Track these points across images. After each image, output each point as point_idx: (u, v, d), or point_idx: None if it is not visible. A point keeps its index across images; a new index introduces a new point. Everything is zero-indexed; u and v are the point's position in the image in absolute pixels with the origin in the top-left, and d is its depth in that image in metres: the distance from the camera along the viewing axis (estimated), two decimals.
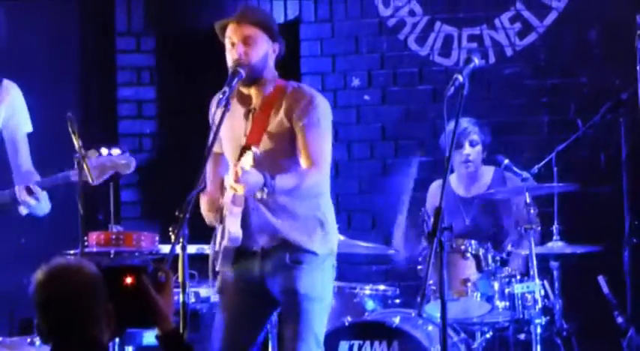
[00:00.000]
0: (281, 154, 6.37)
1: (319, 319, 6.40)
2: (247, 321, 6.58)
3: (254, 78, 6.42)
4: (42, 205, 6.95)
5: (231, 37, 6.42)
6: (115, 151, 6.87)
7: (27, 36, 9.11)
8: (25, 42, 9.08)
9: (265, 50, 6.44)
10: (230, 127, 6.43)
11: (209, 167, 6.48)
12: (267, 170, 6.25)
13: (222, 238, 6.48)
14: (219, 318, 6.64)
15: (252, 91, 6.47)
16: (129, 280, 4.57)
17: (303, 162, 6.42)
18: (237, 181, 6.13)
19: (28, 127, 7.19)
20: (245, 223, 6.42)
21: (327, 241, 6.46)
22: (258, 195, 6.26)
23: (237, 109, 6.46)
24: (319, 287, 6.41)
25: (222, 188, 6.55)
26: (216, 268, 6.61)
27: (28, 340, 7.00)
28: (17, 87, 7.21)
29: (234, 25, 6.43)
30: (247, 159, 6.15)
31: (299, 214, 6.43)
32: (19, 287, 7.81)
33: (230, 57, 6.43)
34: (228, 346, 6.57)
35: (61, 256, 4.70)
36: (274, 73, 6.50)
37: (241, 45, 6.40)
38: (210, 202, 6.51)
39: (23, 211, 6.92)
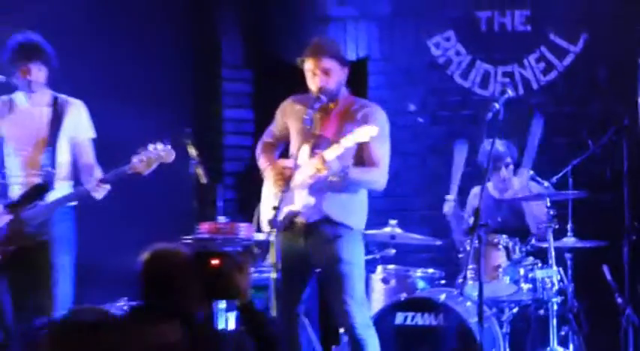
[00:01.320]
0: (348, 152, 6.35)
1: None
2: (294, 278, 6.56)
3: (332, 99, 6.53)
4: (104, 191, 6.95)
5: (313, 70, 6.49)
6: (159, 146, 6.84)
7: (152, 65, 9.08)
8: (150, 71, 9.06)
9: (339, 77, 6.54)
10: (309, 128, 6.53)
11: (267, 151, 6.72)
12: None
13: (284, 206, 6.43)
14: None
15: (330, 104, 6.54)
16: (215, 262, 4.64)
17: (367, 162, 6.48)
18: (323, 164, 6.26)
19: (91, 134, 7.10)
20: (291, 204, 6.45)
21: (358, 217, 6.54)
22: (333, 178, 6.33)
23: (316, 113, 6.55)
24: (358, 253, 6.55)
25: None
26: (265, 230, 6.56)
27: None
28: (81, 103, 7.11)
29: (314, 60, 6.50)
30: (333, 151, 6.23)
31: (339, 198, 6.46)
32: None
33: (313, 85, 6.51)
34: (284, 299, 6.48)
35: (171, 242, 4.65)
36: (345, 89, 6.60)
37: (321, 76, 6.47)
38: (277, 173, 6.52)
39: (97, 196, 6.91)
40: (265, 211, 6.61)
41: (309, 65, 6.56)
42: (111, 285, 7.87)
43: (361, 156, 6.49)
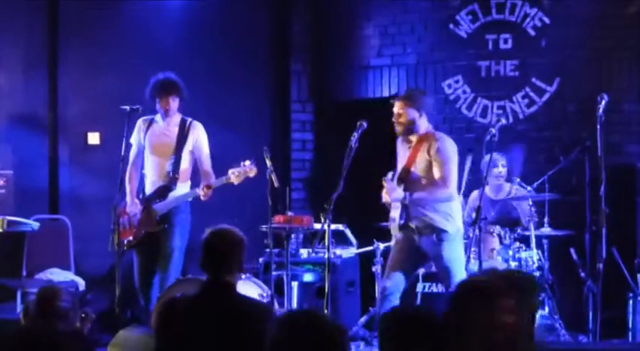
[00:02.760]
0: (424, 175, 6.36)
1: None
2: (407, 262, 6.58)
3: (408, 132, 6.47)
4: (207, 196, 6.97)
5: (394, 109, 6.51)
6: (247, 162, 6.89)
7: (241, 100, 9.13)
8: (240, 104, 9.14)
9: (409, 114, 6.44)
10: (402, 155, 6.53)
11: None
12: (413, 185, 6.36)
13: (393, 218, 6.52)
14: (390, 257, 6.60)
15: (411, 137, 6.49)
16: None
17: (438, 182, 6.36)
18: (391, 196, 6.31)
19: (207, 150, 7.12)
20: (405, 213, 6.43)
21: (454, 224, 6.46)
22: (402, 202, 6.33)
23: (405, 145, 6.54)
24: (455, 251, 6.48)
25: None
26: (392, 232, 6.62)
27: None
28: (200, 125, 7.14)
29: (394, 106, 6.51)
30: (390, 185, 6.28)
31: (438, 210, 6.42)
32: None
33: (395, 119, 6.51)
34: (389, 273, 6.50)
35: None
36: (426, 126, 6.49)
37: (396, 117, 6.47)
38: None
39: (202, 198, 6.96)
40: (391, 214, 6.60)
41: (395, 107, 6.51)
42: None
43: (430, 175, 6.39)
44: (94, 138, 8.88)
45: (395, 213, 6.52)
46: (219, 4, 9.11)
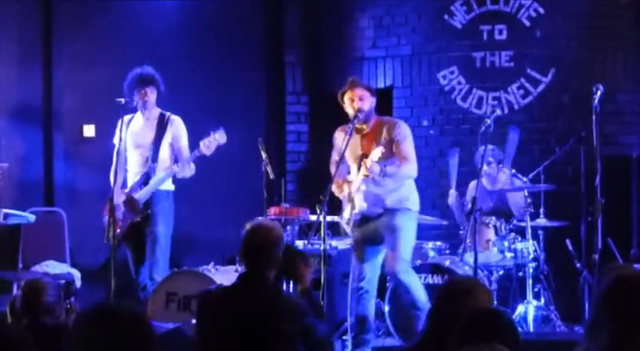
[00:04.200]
0: (385, 156, 6.40)
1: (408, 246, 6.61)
2: (369, 260, 6.69)
3: (366, 119, 6.57)
4: (191, 172, 7.10)
5: (351, 97, 6.58)
6: (215, 133, 6.94)
7: (236, 92, 9.10)
8: (235, 96, 9.09)
9: (370, 102, 6.62)
10: (352, 146, 6.54)
11: (337, 168, 6.58)
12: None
13: (353, 209, 6.62)
14: (353, 259, 6.76)
15: (364, 126, 6.60)
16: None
17: (400, 158, 6.51)
18: (369, 168, 6.34)
19: (186, 141, 7.18)
20: (366, 199, 6.58)
21: (411, 202, 6.64)
22: (377, 177, 6.40)
23: (355, 136, 6.58)
24: (409, 226, 6.61)
25: (345, 180, 6.68)
26: (347, 231, 6.71)
27: (233, 268, 7.00)
28: (179, 119, 7.25)
29: (352, 90, 6.61)
30: (376, 154, 6.31)
31: (396, 189, 6.57)
32: (227, 236, 8.03)
33: (350, 108, 6.58)
34: (359, 273, 6.70)
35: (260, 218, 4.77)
36: (374, 113, 6.66)
37: (358, 101, 6.56)
38: (338, 186, 6.60)
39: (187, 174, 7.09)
40: (343, 215, 6.76)
41: (348, 95, 6.63)
42: (201, 253, 7.97)
43: (395, 154, 6.54)
44: (89, 130, 8.88)
45: (347, 212, 6.63)
46: None
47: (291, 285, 5.31)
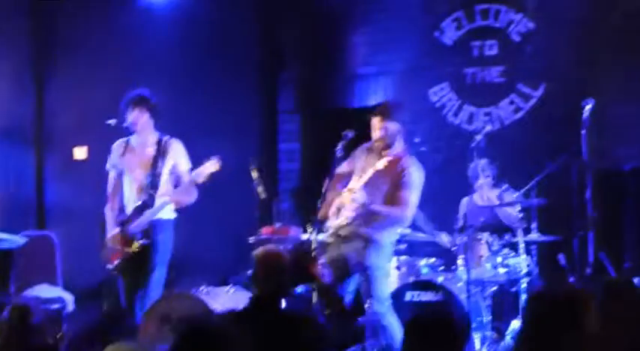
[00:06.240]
0: (379, 192, 6.34)
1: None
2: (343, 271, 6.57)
3: (389, 144, 6.48)
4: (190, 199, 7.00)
5: (374, 124, 6.49)
6: (212, 160, 6.81)
7: (228, 111, 9.04)
8: (227, 115, 9.03)
9: (392, 130, 6.48)
10: (368, 160, 6.51)
11: (335, 182, 6.52)
12: (371, 198, 6.34)
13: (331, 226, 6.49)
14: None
15: (384, 152, 6.47)
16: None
17: (393, 202, 6.37)
18: (353, 197, 6.30)
19: (187, 166, 7.04)
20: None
21: (386, 236, 6.50)
22: (360, 206, 6.33)
23: (373, 155, 6.50)
24: (380, 260, 6.44)
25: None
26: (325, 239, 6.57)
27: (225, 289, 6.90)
28: (178, 142, 7.10)
29: (376, 117, 6.50)
30: (381, 163, 6.28)
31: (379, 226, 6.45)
32: (221, 257, 7.95)
33: (373, 133, 6.51)
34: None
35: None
36: (399, 139, 6.49)
37: (378, 130, 6.48)
38: (326, 207, 6.47)
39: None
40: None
41: (373, 120, 6.50)
42: (194, 273, 7.88)
43: (392, 197, 6.40)
44: (81, 152, 8.83)
45: (331, 221, 6.52)
46: (208, 15, 9.04)
47: (312, 291, 5.37)
